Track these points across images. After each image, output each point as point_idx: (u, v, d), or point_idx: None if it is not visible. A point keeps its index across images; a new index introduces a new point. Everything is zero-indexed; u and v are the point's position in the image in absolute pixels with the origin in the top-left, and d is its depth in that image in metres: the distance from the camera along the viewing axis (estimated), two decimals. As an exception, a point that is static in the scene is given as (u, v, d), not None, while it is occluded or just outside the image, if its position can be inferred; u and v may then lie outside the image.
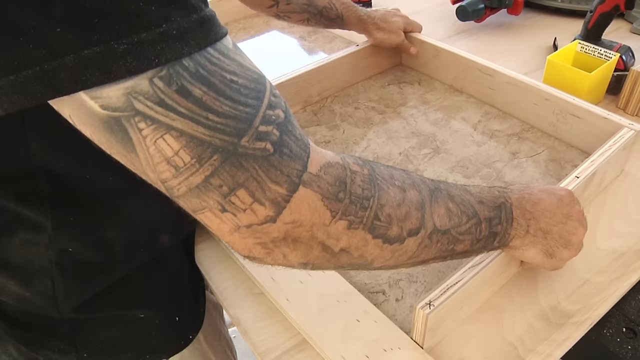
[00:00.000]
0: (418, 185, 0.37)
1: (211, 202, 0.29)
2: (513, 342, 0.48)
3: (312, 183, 0.30)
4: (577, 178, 0.55)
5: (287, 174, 0.30)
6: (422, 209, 0.36)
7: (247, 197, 0.29)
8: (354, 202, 0.32)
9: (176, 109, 0.27)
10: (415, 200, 0.35)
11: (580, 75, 0.75)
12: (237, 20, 1.15)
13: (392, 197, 0.34)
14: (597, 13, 0.83)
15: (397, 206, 0.34)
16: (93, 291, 0.48)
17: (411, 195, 0.35)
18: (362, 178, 0.33)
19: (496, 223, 0.42)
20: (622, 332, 0.50)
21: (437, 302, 0.44)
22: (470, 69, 0.80)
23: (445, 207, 0.38)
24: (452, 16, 1.07)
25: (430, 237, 0.37)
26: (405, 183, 0.36)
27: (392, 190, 0.34)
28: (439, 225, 0.37)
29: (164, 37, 0.26)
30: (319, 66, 0.80)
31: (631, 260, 0.55)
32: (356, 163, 0.34)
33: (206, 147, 0.27)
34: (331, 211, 0.31)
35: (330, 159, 0.32)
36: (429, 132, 0.75)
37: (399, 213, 0.34)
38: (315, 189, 0.31)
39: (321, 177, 0.31)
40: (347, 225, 0.32)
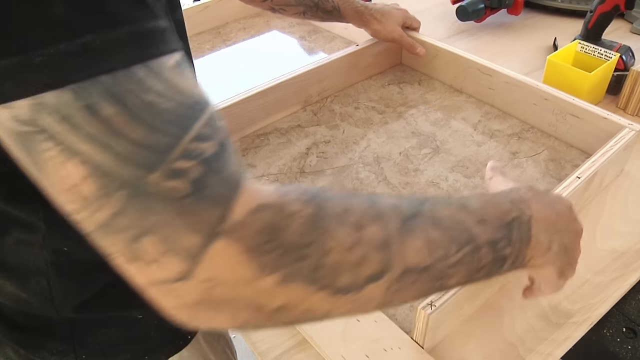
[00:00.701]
0: (385, 216, 0.30)
1: (120, 246, 0.25)
2: (513, 342, 0.48)
3: (234, 232, 0.25)
4: (579, 178, 0.55)
5: (205, 221, 0.25)
6: (387, 247, 0.29)
7: (155, 246, 0.24)
8: (288, 253, 0.26)
9: (82, 129, 0.23)
10: (376, 239, 0.29)
11: (580, 75, 0.75)
12: (237, 20, 1.15)
13: (341, 239, 0.28)
14: (597, 13, 0.83)
15: (348, 250, 0.28)
16: (90, 291, 0.48)
17: (370, 232, 0.29)
18: (301, 221, 0.27)
19: (504, 245, 0.35)
20: (622, 332, 0.50)
21: (438, 303, 0.44)
22: (470, 68, 0.80)
23: (425, 239, 0.31)
24: (452, 16, 1.07)
25: (402, 280, 0.30)
26: (366, 217, 0.30)
27: (343, 230, 0.28)
28: (414, 264, 0.30)
29: (85, 50, 0.23)
30: (319, 66, 0.80)
31: (631, 260, 0.55)
32: (299, 200, 0.28)
33: (112, 179, 0.24)
34: (258, 265, 0.26)
35: (264, 200, 0.27)
36: (429, 132, 0.75)
37: (351, 258, 0.28)
38: (236, 239, 0.25)
39: (247, 225, 0.26)
40: (281, 279, 0.26)
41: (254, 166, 0.70)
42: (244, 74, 0.94)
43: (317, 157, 0.72)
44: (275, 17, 1.15)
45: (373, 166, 0.70)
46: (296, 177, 0.69)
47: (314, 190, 0.30)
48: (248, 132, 0.78)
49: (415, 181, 0.67)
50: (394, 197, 0.33)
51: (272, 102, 0.78)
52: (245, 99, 0.74)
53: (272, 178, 0.69)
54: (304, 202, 0.28)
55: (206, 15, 1.10)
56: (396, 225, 0.30)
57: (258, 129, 0.79)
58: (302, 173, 0.70)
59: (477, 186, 0.65)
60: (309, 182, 0.68)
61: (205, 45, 1.06)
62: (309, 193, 0.29)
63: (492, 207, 0.36)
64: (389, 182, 0.67)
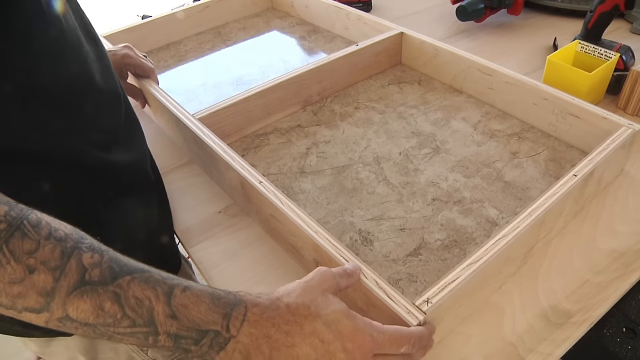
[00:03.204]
0: (68, 271, 0.34)
1: None
2: (513, 342, 0.48)
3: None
4: (575, 176, 0.55)
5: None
6: (49, 296, 0.33)
7: None
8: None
9: None
10: (41, 286, 0.33)
11: (580, 75, 0.75)
12: (237, 20, 1.15)
13: (6, 273, 0.32)
14: (597, 13, 0.83)
15: (10, 283, 0.32)
16: None
17: (38, 279, 0.33)
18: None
19: (189, 343, 0.36)
20: (622, 332, 0.50)
21: (434, 299, 0.44)
22: (470, 68, 0.80)
23: (95, 305, 0.34)
24: (452, 16, 1.08)
25: (63, 322, 0.34)
26: (46, 264, 0.33)
27: (12, 267, 0.32)
28: (76, 317, 0.34)
29: None
30: (318, 66, 0.80)
31: (631, 260, 0.55)
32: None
33: None
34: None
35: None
36: (429, 132, 0.75)
37: (10, 290, 0.33)
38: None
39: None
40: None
41: (254, 166, 0.70)
42: (244, 74, 0.94)
43: (317, 157, 0.72)
44: (275, 17, 1.15)
45: (373, 166, 0.70)
46: (296, 177, 0.69)
47: (17, 222, 0.33)
48: (248, 132, 0.78)
49: (415, 181, 0.67)
50: (108, 260, 0.36)
51: (272, 102, 0.78)
52: (245, 99, 0.74)
53: (272, 178, 0.69)
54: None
55: (206, 15, 1.10)
56: (68, 284, 0.34)
57: (258, 129, 0.79)
58: (302, 173, 0.70)
59: (477, 186, 0.65)
60: (309, 182, 0.68)
61: (205, 45, 1.06)
62: (9, 221, 0.33)
63: (198, 312, 0.36)
64: (389, 182, 0.67)
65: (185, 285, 0.37)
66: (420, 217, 0.62)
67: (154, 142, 0.79)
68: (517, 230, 0.50)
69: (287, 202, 0.54)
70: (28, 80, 0.42)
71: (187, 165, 0.75)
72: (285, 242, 0.58)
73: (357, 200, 0.65)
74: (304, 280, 0.41)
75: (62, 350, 0.64)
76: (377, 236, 0.59)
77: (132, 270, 0.36)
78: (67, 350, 0.64)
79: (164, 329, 0.35)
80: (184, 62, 1.00)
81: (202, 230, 0.63)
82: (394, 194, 0.65)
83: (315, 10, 1.08)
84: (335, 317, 0.38)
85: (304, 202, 0.65)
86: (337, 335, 0.38)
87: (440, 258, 0.56)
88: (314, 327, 0.38)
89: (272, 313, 0.38)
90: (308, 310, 0.38)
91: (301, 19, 1.13)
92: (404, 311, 0.43)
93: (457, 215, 0.61)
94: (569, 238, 0.58)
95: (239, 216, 0.65)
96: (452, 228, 0.60)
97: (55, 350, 0.64)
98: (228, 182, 0.65)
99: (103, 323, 0.34)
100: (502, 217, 0.61)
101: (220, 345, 0.37)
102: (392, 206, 0.63)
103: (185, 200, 0.68)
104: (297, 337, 0.38)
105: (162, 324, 0.35)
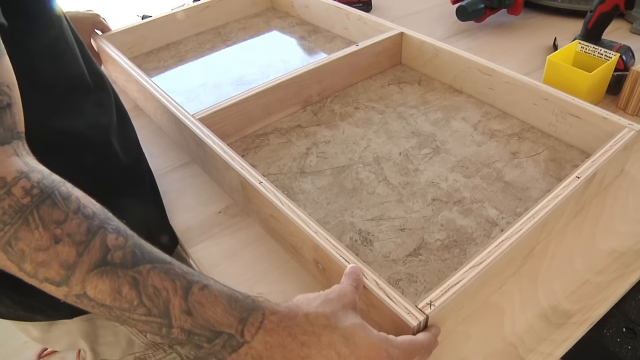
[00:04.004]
0: (90, 248, 0.34)
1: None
2: (513, 342, 0.48)
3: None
4: (578, 178, 0.55)
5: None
6: (70, 269, 0.33)
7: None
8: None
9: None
10: (64, 259, 0.33)
11: (580, 75, 0.75)
12: (237, 20, 1.15)
13: (33, 239, 0.33)
14: (597, 13, 0.83)
15: (35, 250, 0.33)
16: None
17: (62, 250, 0.33)
18: (11, 203, 0.32)
19: (202, 340, 0.36)
20: (622, 332, 0.50)
21: (438, 302, 0.44)
22: (470, 68, 0.80)
23: (113, 287, 0.34)
24: (452, 16, 1.08)
25: (80, 299, 0.34)
26: (71, 236, 0.34)
27: (39, 233, 0.33)
28: (93, 297, 0.34)
29: None
30: (319, 66, 0.80)
31: (631, 260, 0.55)
32: (24, 188, 0.33)
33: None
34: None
35: (0, 171, 0.32)
36: (429, 132, 0.75)
37: (35, 256, 0.33)
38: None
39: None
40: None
41: (254, 166, 0.70)
42: (244, 74, 0.94)
43: (317, 157, 0.72)
44: (275, 17, 1.15)
45: (373, 166, 0.70)
46: (296, 177, 0.69)
47: (49, 191, 0.34)
48: (248, 132, 0.78)
49: (415, 181, 0.67)
50: (132, 244, 0.36)
51: (272, 102, 0.78)
52: (245, 99, 0.74)
53: (272, 178, 0.69)
54: (26, 191, 0.33)
55: (206, 15, 1.10)
56: (91, 261, 0.34)
57: (258, 129, 0.79)
58: (302, 173, 0.70)
59: (477, 186, 0.65)
60: (309, 182, 0.68)
61: (205, 45, 1.06)
62: (42, 188, 0.33)
63: (213, 312, 0.36)
64: (389, 182, 0.67)
65: (205, 284, 0.37)
66: (420, 217, 0.62)
67: (154, 142, 0.79)
68: (520, 233, 0.50)
69: (287, 202, 0.54)
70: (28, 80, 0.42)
71: (187, 165, 0.75)
72: (285, 243, 0.58)
73: (357, 200, 0.65)
74: (325, 293, 0.41)
75: (62, 335, 0.64)
76: (377, 236, 0.59)
77: (154, 260, 0.36)
78: (68, 335, 0.64)
79: (178, 323, 0.35)
80: (184, 62, 1.00)
81: (202, 230, 0.63)
82: (394, 194, 0.65)
83: (315, 10, 1.08)
84: (352, 330, 0.38)
85: (304, 202, 0.65)
86: (354, 349, 0.37)
87: (440, 258, 0.56)
88: (332, 339, 0.37)
89: (290, 322, 0.37)
90: (327, 320, 0.38)
91: (301, 19, 1.13)
92: (404, 312, 0.43)
93: (457, 216, 0.61)
94: (569, 238, 0.58)
95: (239, 216, 0.65)
96: (452, 228, 0.60)
97: (56, 336, 0.64)
98: (228, 183, 0.65)
99: (119, 307, 0.34)
100: (502, 218, 0.61)
101: (233, 347, 0.36)
102: (392, 206, 0.63)
103: (185, 200, 0.68)
104: (313, 349, 0.37)
105: (177, 318, 0.35)
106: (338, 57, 0.82)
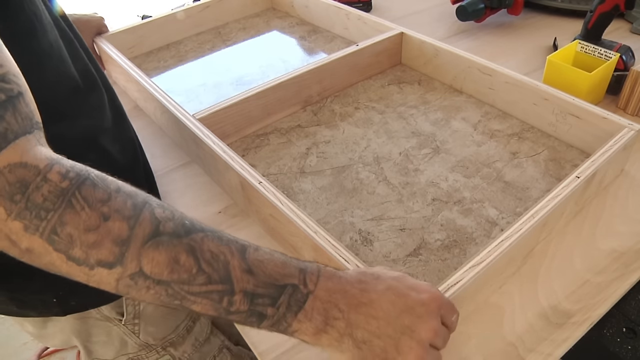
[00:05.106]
0: (141, 221, 0.33)
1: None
2: (513, 342, 0.48)
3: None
4: (578, 178, 0.55)
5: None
6: (124, 245, 0.32)
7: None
8: (29, 209, 0.31)
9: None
10: (116, 234, 0.32)
11: (580, 75, 0.75)
12: (237, 20, 1.15)
13: (81, 219, 0.31)
14: (597, 13, 0.83)
15: (85, 231, 0.31)
16: None
17: (113, 226, 0.32)
18: (51, 189, 0.31)
19: (265, 303, 0.35)
20: (622, 332, 0.50)
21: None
22: (470, 68, 0.80)
23: (170, 258, 0.33)
24: (452, 16, 1.08)
25: (134, 279, 0.33)
26: (120, 212, 0.32)
27: (86, 213, 0.32)
28: (149, 272, 0.33)
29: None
30: (319, 66, 0.80)
31: (631, 260, 0.55)
32: (60, 173, 0.32)
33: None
34: (5, 209, 0.31)
35: (29, 160, 0.31)
36: (429, 132, 0.75)
37: (85, 238, 0.32)
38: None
39: (3, 174, 0.30)
40: (24, 228, 0.31)
41: (254, 166, 0.70)
42: (244, 74, 0.94)
43: (317, 157, 0.72)
44: (275, 17, 1.15)
45: (373, 166, 0.70)
46: (296, 177, 0.69)
47: (85, 174, 0.33)
48: (248, 132, 0.78)
49: (415, 181, 0.67)
50: (180, 216, 0.35)
51: (272, 102, 0.78)
52: (245, 99, 0.74)
53: (272, 178, 0.69)
54: (63, 175, 0.32)
55: (206, 15, 1.10)
56: (144, 232, 0.33)
57: (258, 129, 0.79)
58: (302, 173, 0.70)
59: (477, 186, 0.65)
60: (309, 182, 0.68)
61: (205, 45, 1.06)
62: (77, 172, 0.33)
63: (274, 265, 0.36)
64: (389, 182, 0.67)
65: (257, 246, 0.37)
66: (420, 217, 0.62)
67: (154, 142, 0.79)
68: (520, 232, 0.50)
69: (287, 202, 0.54)
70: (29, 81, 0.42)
71: (187, 165, 0.75)
72: (285, 242, 0.58)
73: (357, 200, 0.65)
74: None
75: (56, 332, 0.65)
76: (377, 236, 0.59)
77: (204, 228, 0.36)
78: (62, 332, 0.64)
79: (241, 285, 0.34)
80: (184, 62, 1.00)
81: (202, 230, 0.63)
82: (394, 194, 0.65)
83: (315, 10, 1.08)
84: (400, 275, 0.40)
85: (304, 202, 0.65)
86: (412, 288, 0.38)
87: (440, 258, 0.56)
88: (387, 284, 0.38)
89: (343, 274, 0.39)
90: (375, 274, 0.39)
91: (301, 19, 1.13)
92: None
93: (457, 216, 0.61)
94: (569, 238, 0.58)
95: (239, 216, 0.65)
96: (452, 228, 0.60)
97: (50, 332, 0.65)
98: (228, 183, 0.65)
99: (178, 279, 0.33)
100: (502, 217, 0.61)
101: (299, 303, 0.36)
102: (392, 206, 0.63)
103: (185, 200, 0.68)
104: (373, 293, 0.37)
105: (239, 280, 0.34)
106: (338, 57, 0.82)
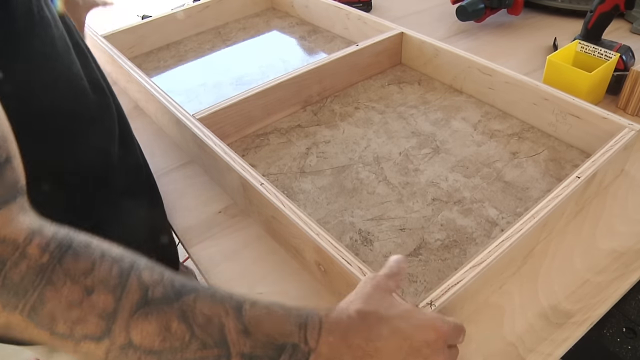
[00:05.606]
0: (129, 290, 0.31)
1: None
2: (513, 342, 0.48)
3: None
4: (578, 178, 0.55)
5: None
6: (111, 318, 0.30)
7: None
8: (6, 287, 0.29)
9: None
10: (101, 308, 0.30)
11: (580, 75, 0.75)
12: (237, 20, 1.15)
13: (62, 296, 0.30)
14: (597, 13, 0.83)
15: (67, 307, 0.30)
16: None
17: (98, 300, 0.30)
18: (29, 265, 0.30)
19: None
20: (622, 332, 0.50)
21: (438, 302, 0.44)
22: (470, 68, 0.80)
23: (161, 326, 0.31)
24: (452, 16, 1.08)
25: (125, 351, 0.31)
26: (104, 283, 0.31)
27: (68, 289, 0.30)
28: (140, 344, 0.31)
29: None
30: (319, 66, 0.80)
31: (631, 260, 0.55)
32: (40, 247, 0.30)
33: None
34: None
35: (7, 234, 0.30)
36: (429, 132, 0.75)
37: (69, 314, 0.30)
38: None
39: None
40: (1, 306, 0.30)
41: (254, 166, 0.70)
42: (244, 74, 0.94)
43: (317, 157, 0.72)
44: (275, 17, 1.15)
45: (373, 166, 0.70)
46: (296, 177, 0.69)
47: (68, 242, 0.31)
48: (248, 132, 0.78)
49: (415, 181, 0.67)
50: (169, 278, 0.33)
51: (272, 102, 0.78)
52: (245, 99, 0.74)
53: (272, 178, 0.69)
54: (43, 249, 0.30)
55: (206, 15, 1.10)
56: (131, 303, 0.31)
57: (258, 129, 0.79)
58: (302, 173, 0.70)
59: (477, 186, 0.65)
60: (309, 182, 0.68)
61: (205, 45, 1.06)
62: (59, 242, 0.31)
63: (272, 323, 0.34)
64: (389, 182, 0.67)
65: (254, 300, 0.35)
66: (420, 217, 0.62)
67: (154, 142, 0.79)
68: (520, 233, 0.50)
69: (289, 204, 0.54)
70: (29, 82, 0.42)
71: (187, 165, 0.75)
72: (286, 243, 0.58)
73: (357, 200, 0.65)
74: (358, 291, 0.39)
75: None
76: (377, 236, 0.59)
77: (196, 287, 0.33)
78: None
79: (237, 349, 0.32)
80: (184, 62, 1.00)
81: (202, 230, 0.63)
82: (394, 194, 0.65)
83: (315, 10, 1.08)
84: (407, 313, 0.38)
85: (304, 202, 0.65)
86: (417, 328, 0.37)
87: (440, 258, 0.56)
88: (392, 327, 0.36)
89: (347, 321, 0.36)
90: (378, 315, 0.37)
91: (301, 19, 1.13)
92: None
93: (457, 215, 0.61)
94: (569, 238, 0.58)
95: (239, 216, 0.65)
96: (452, 228, 0.60)
97: None
98: (229, 183, 0.65)
99: (170, 348, 0.31)
100: (502, 217, 0.61)
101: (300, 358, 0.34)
102: (392, 206, 0.63)
103: (185, 201, 0.68)
104: (379, 342, 0.35)
105: (235, 343, 0.32)
106: (338, 57, 0.82)
